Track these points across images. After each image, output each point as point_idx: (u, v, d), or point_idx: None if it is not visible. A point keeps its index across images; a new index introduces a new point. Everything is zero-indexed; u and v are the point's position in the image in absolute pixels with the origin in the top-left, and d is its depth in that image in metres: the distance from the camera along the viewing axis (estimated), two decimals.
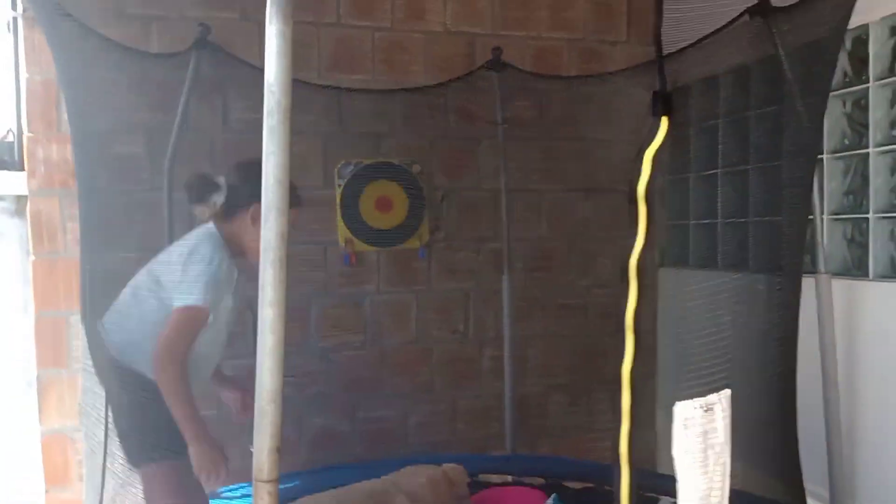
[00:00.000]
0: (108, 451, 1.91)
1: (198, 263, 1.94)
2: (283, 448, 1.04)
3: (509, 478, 2.98)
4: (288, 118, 1.01)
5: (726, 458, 1.32)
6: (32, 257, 2.78)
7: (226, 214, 2.05)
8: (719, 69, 3.06)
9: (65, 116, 2.74)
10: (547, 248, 3.51)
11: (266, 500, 0.93)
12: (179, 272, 1.95)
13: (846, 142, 2.60)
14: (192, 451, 1.95)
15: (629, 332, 1.23)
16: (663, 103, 1.13)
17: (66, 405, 2.79)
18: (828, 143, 2.64)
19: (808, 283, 2.52)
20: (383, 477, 2.57)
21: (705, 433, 1.28)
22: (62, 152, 2.75)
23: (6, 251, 2.79)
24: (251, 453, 0.94)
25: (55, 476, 2.80)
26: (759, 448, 1.97)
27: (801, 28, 2.02)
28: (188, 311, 1.93)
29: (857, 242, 2.57)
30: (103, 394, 1.94)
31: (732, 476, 2.10)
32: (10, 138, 2.83)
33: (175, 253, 2.03)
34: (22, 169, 2.77)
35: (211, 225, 2.06)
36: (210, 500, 2.66)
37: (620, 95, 2.93)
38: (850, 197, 2.60)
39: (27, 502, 2.81)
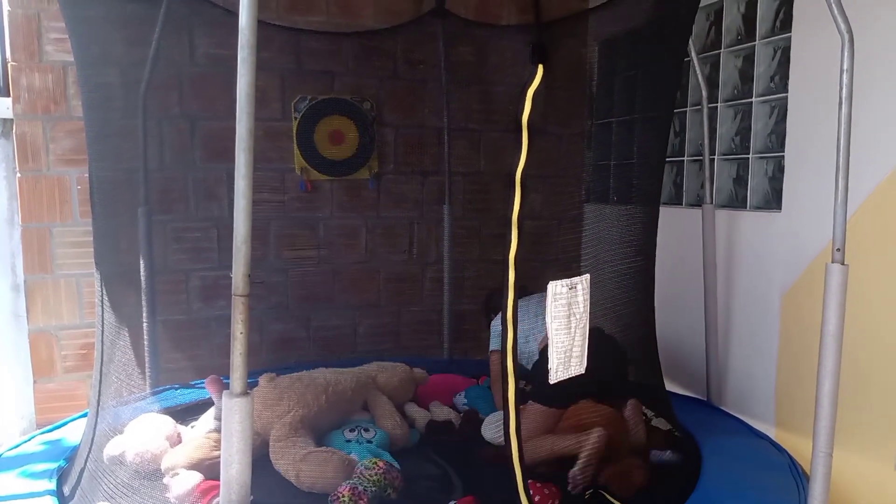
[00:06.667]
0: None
1: None
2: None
3: None
4: (254, 51, 1.33)
5: (585, 324, 1.74)
6: (18, 174, 3.02)
7: None
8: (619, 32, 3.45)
9: (46, 47, 3.00)
10: (484, 183, 3.87)
11: (240, 308, 1.32)
12: None
13: (735, 92, 3.01)
14: None
15: (514, 226, 1.63)
16: (539, 53, 1.51)
17: (51, 306, 3.07)
18: (722, 92, 3.04)
19: (697, 214, 2.97)
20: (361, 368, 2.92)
21: (569, 304, 1.70)
22: (44, 81, 3.00)
23: None
24: (231, 278, 1.32)
25: (42, 369, 3.09)
26: (625, 335, 2.42)
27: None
28: None
29: (741, 178, 3.00)
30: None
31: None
32: None
33: None
34: (7, 95, 3.00)
35: None
36: (180, 389, 3.07)
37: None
38: (738, 139, 3.03)
39: (17, 392, 3.10)
